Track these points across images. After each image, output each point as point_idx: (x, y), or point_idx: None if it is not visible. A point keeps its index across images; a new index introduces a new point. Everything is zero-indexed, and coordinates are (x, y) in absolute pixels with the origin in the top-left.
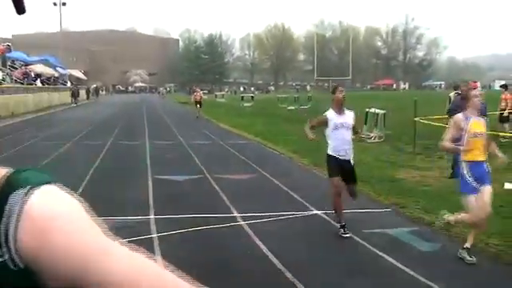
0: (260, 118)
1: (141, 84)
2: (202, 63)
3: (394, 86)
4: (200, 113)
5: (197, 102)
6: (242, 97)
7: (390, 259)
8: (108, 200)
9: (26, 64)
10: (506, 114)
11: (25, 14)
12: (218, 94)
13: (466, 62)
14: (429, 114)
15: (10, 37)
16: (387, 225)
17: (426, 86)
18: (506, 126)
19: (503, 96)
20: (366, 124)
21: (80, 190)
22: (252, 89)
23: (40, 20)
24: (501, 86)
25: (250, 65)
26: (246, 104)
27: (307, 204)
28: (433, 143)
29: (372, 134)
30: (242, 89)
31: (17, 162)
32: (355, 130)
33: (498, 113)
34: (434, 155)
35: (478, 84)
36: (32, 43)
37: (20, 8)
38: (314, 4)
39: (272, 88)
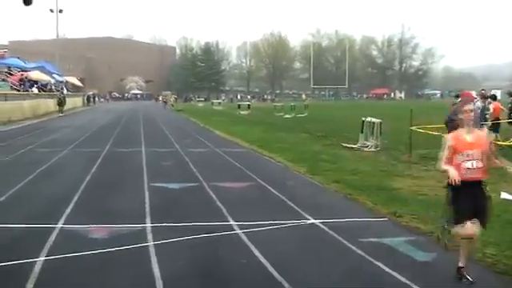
0: (257, 126)
1: (137, 91)
2: (198, 71)
3: (392, 95)
4: None
5: None
6: (239, 105)
7: (386, 269)
8: (105, 206)
9: (23, 70)
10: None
11: (25, 14)
12: (214, 101)
13: (461, 72)
14: (425, 124)
15: (6, 43)
16: (384, 234)
17: (423, 96)
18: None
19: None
20: (362, 133)
21: (76, 197)
22: (248, 97)
23: (37, 27)
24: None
25: (247, 73)
26: (242, 112)
27: (304, 213)
28: (429, 152)
29: (368, 143)
30: (238, 97)
31: (13, 168)
32: None
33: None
34: (430, 164)
35: (473, 93)
36: (28, 50)
37: None
38: (310, 13)
39: (268, 96)
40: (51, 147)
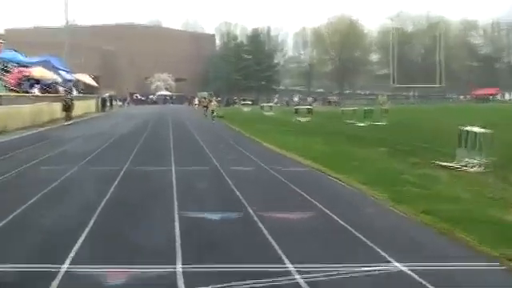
0: (319, 137)
1: (165, 92)
2: (244, 66)
3: (499, 96)
4: None
5: None
6: (297, 109)
7: None
8: (122, 243)
9: (22, 66)
10: None
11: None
12: (264, 105)
13: None
14: None
15: (1, 32)
16: (493, 284)
17: None
18: None
19: None
20: (461, 147)
21: (87, 229)
22: (309, 99)
23: (40, 12)
24: None
25: (308, 67)
26: (301, 119)
27: (385, 254)
28: None
29: (470, 161)
30: (296, 99)
31: (9, 191)
32: None
33: None
34: None
35: None
36: (29, 40)
37: None
38: None
39: (335, 98)
40: (55, 165)
